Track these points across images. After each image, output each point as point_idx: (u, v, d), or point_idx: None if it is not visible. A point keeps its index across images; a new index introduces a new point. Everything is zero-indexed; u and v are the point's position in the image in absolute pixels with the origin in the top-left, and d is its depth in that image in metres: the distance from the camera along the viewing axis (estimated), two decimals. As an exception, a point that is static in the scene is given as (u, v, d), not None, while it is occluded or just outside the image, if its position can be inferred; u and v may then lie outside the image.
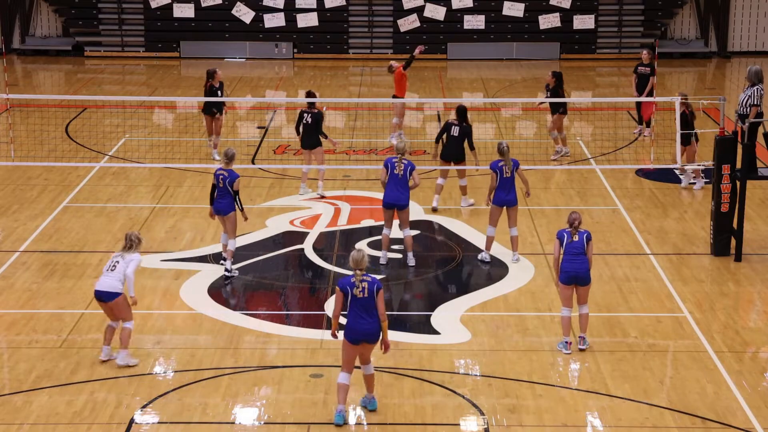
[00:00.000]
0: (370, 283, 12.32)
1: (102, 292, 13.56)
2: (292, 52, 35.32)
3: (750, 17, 36.09)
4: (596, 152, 23.88)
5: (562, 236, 14.21)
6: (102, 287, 13.56)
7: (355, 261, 12.35)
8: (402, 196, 17.00)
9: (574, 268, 14.04)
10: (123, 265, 13.56)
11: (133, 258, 13.62)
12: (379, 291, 12.33)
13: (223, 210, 16.68)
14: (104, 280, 13.58)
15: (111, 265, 13.61)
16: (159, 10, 35.17)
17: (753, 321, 15.53)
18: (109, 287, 13.52)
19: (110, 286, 13.52)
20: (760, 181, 18.88)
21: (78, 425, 12.45)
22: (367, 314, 12.29)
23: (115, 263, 13.60)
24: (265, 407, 12.90)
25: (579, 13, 35.05)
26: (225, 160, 16.90)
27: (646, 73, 24.79)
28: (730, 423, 12.56)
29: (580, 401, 13.07)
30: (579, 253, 14.06)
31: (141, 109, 28.07)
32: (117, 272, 13.55)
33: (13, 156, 21.33)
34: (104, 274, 13.64)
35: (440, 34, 35.24)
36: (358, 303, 12.28)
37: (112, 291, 13.52)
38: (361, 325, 12.28)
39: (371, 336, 12.33)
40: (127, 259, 13.59)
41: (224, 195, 16.66)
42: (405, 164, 17.00)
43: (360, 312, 12.28)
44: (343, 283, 12.37)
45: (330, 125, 26.94)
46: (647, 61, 24.83)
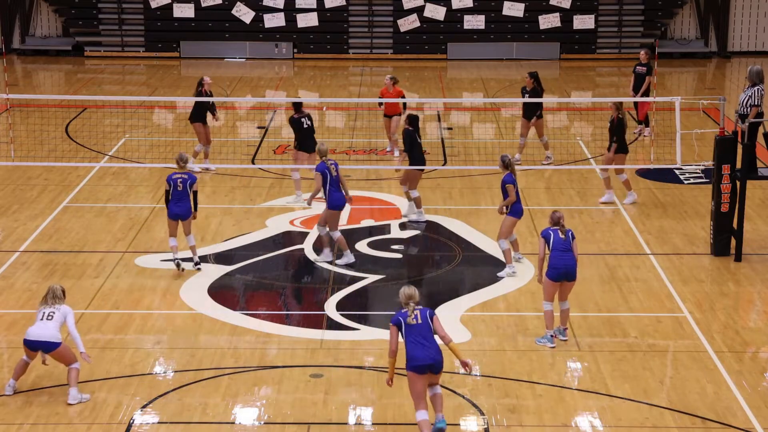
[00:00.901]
0: (422, 310, 11.98)
1: (42, 342, 12.86)
2: (292, 52, 35.32)
3: (750, 17, 36.09)
4: (596, 152, 23.87)
5: (548, 234, 14.32)
6: (42, 338, 12.84)
7: (409, 296, 11.95)
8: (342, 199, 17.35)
9: (564, 263, 14.17)
10: (60, 316, 12.93)
11: (68, 312, 13.00)
12: (433, 317, 11.96)
13: (185, 214, 16.71)
14: (43, 330, 12.85)
15: (46, 315, 12.92)
16: (159, 10, 35.17)
17: (753, 321, 15.53)
18: (52, 337, 12.83)
19: (52, 336, 12.84)
20: (760, 181, 18.88)
21: (78, 425, 12.45)
22: (425, 340, 11.83)
23: (50, 314, 12.93)
24: (265, 407, 12.90)
25: (579, 13, 35.05)
26: (181, 163, 16.81)
27: (642, 73, 24.78)
28: (730, 423, 12.56)
29: (580, 401, 13.07)
30: (568, 249, 14.23)
31: (141, 109, 28.07)
32: (55, 322, 12.90)
33: (13, 156, 21.33)
34: (40, 324, 12.91)
35: (440, 34, 35.25)
36: (414, 330, 11.86)
37: (54, 341, 12.84)
38: (422, 350, 11.79)
39: (435, 364, 11.83)
40: (63, 311, 12.98)
41: (183, 198, 16.65)
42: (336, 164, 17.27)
43: (418, 339, 11.82)
44: (397, 317, 11.96)
45: (330, 125, 26.96)
46: (645, 61, 24.82)
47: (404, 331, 11.86)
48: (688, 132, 21.31)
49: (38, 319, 13.01)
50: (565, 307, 14.51)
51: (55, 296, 13.10)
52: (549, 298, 14.35)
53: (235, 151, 23.68)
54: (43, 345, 12.92)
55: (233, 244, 18.13)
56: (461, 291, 16.46)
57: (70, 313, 13.06)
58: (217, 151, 23.62)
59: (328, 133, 25.81)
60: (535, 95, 22.38)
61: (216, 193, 20.88)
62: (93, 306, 15.71)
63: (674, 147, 19.25)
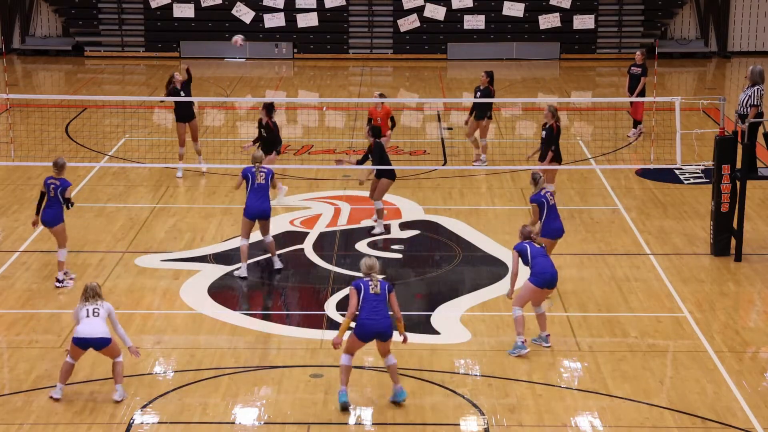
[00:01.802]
0: (382, 282, 12.68)
1: (96, 339, 12.78)
2: (292, 52, 35.31)
3: (750, 17, 36.09)
4: (596, 152, 23.88)
5: (524, 248, 14.18)
6: (97, 334, 12.78)
7: (369, 266, 12.69)
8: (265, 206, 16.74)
9: (550, 270, 14.14)
10: (104, 312, 12.90)
11: (110, 308, 12.99)
12: (391, 292, 12.67)
13: (51, 221, 16.24)
14: (94, 327, 12.80)
15: (92, 311, 12.87)
16: (159, 10, 35.16)
17: (753, 321, 15.53)
18: (105, 333, 12.80)
19: (105, 332, 12.81)
20: (760, 181, 18.88)
21: (78, 425, 12.45)
22: (380, 310, 12.57)
23: (95, 309, 12.88)
24: (265, 407, 12.90)
25: (579, 13, 35.04)
26: (55, 169, 16.30)
27: (637, 74, 24.79)
28: (730, 423, 12.57)
29: (580, 401, 13.07)
30: (547, 256, 14.23)
31: (141, 109, 28.07)
32: (102, 318, 12.86)
33: (13, 156, 21.33)
34: (89, 322, 12.82)
35: (440, 34, 35.24)
36: (371, 300, 12.55)
37: (107, 336, 12.83)
38: (374, 319, 12.53)
39: (384, 332, 12.59)
40: (106, 307, 12.96)
41: (53, 204, 16.24)
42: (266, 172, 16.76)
43: (373, 307, 12.55)
44: (357, 283, 12.67)
45: (330, 125, 26.97)
46: (640, 62, 24.83)
47: (362, 297, 12.54)
48: (688, 132, 21.32)
49: (83, 317, 12.85)
50: (541, 311, 14.46)
51: (96, 293, 13.01)
52: (523, 303, 14.26)
53: (235, 151, 23.67)
54: (95, 342, 12.79)
55: (233, 244, 18.12)
56: (461, 291, 16.46)
57: (112, 310, 13.04)
58: (217, 150, 23.62)
59: (328, 133, 25.82)
60: (487, 95, 22.21)
61: (216, 194, 20.88)
62: (93, 306, 15.70)
63: (674, 147, 19.25)
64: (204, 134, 25.26)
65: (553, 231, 15.83)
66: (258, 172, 16.68)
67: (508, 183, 21.64)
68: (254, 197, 16.66)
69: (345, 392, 12.78)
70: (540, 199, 15.73)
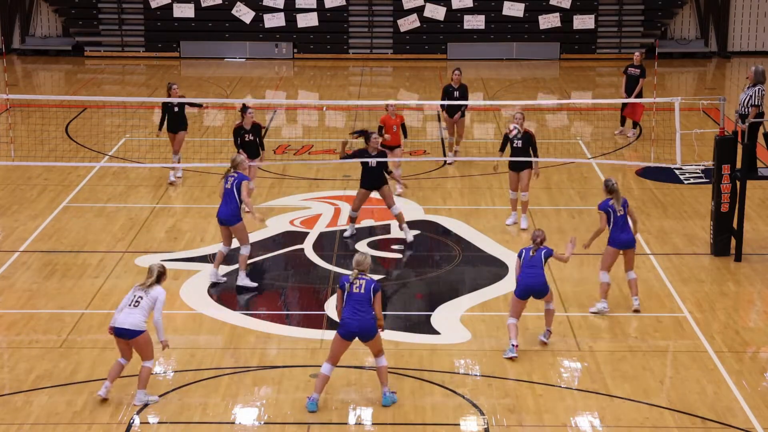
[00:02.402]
0: (368, 281, 12.63)
1: (124, 330, 12.65)
2: (292, 52, 35.32)
3: (750, 17, 36.09)
4: (596, 152, 23.88)
5: (521, 253, 14.24)
6: (125, 325, 12.64)
7: (357, 262, 12.72)
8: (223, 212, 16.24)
9: (528, 281, 14.12)
10: (147, 301, 12.73)
11: (158, 296, 12.77)
12: (376, 292, 12.60)
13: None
14: (126, 317, 12.67)
15: (134, 300, 12.72)
16: (159, 10, 35.17)
17: (753, 321, 15.53)
18: (133, 325, 12.62)
19: (134, 324, 12.63)
20: (760, 181, 18.88)
21: (78, 425, 12.45)
22: (361, 310, 12.55)
23: (138, 298, 12.73)
24: (265, 407, 12.90)
25: (579, 13, 35.05)
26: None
27: (635, 75, 24.77)
28: (730, 423, 12.57)
29: (580, 401, 13.07)
30: (534, 266, 14.11)
31: (141, 109, 28.07)
32: (141, 308, 12.67)
33: (13, 156, 21.33)
34: (126, 311, 12.70)
35: (440, 34, 35.24)
36: (353, 298, 12.56)
37: (135, 329, 12.64)
38: (354, 319, 12.54)
39: (365, 332, 12.59)
40: (152, 295, 12.76)
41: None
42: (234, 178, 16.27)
43: (355, 307, 12.56)
44: (342, 280, 12.72)
45: (330, 125, 26.97)
46: (638, 63, 24.81)
47: (345, 295, 12.59)
48: (688, 132, 21.31)
49: (126, 305, 12.72)
50: (550, 308, 14.48)
51: (149, 280, 12.82)
52: (514, 314, 14.25)
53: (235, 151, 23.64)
54: (125, 332, 12.66)
55: (233, 244, 18.10)
56: (461, 291, 16.46)
57: (160, 298, 12.77)
58: (217, 150, 23.62)
59: (328, 133, 25.82)
60: (464, 92, 22.41)
61: (216, 194, 20.84)
62: (93, 306, 15.71)
63: (674, 147, 19.24)
64: (204, 134, 25.26)
65: (618, 242, 15.53)
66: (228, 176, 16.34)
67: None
68: (221, 202, 16.32)
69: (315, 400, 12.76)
70: (607, 208, 15.53)
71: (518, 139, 18.65)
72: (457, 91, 22.42)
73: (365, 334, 12.60)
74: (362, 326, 12.57)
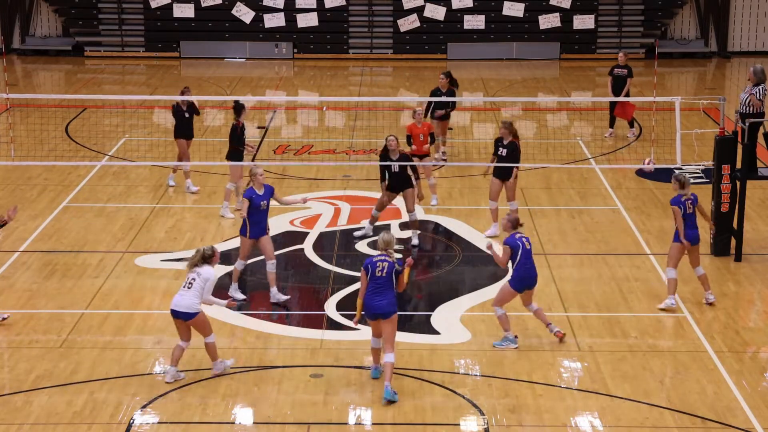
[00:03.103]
0: (390, 265, 13.08)
1: (180, 312, 13.16)
2: (292, 52, 35.31)
3: (750, 17, 36.09)
4: (596, 152, 23.88)
5: (516, 245, 14.14)
6: (179, 307, 13.13)
7: (386, 242, 13.24)
8: None
9: (532, 273, 14.26)
10: (200, 282, 13.14)
11: (209, 277, 13.17)
12: (398, 275, 13.10)
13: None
14: (181, 299, 13.15)
15: (187, 282, 13.18)
16: (159, 10, 35.16)
17: (753, 321, 15.53)
18: (187, 307, 13.12)
19: (188, 306, 13.12)
20: (760, 181, 18.88)
21: (78, 425, 12.45)
22: (383, 291, 13.03)
23: (191, 280, 13.16)
24: (265, 407, 12.90)
25: (579, 13, 35.04)
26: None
27: (623, 75, 24.78)
28: (730, 423, 12.57)
29: (580, 401, 13.07)
30: (531, 257, 14.28)
31: (141, 109, 28.07)
32: (194, 290, 13.12)
33: (13, 156, 21.32)
34: (181, 292, 13.20)
35: (440, 34, 35.23)
36: (376, 281, 13.02)
37: (190, 311, 13.15)
38: (377, 300, 13.01)
39: (384, 314, 13.02)
40: (204, 276, 13.16)
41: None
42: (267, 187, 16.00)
43: (377, 289, 13.03)
44: (366, 263, 13.16)
45: (330, 125, 26.96)
46: (624, 63, 24.81)
47: (369, 277, 13.08)
48: (688, 132, 21.31)
49: (181, 287, 13.24)
50: (536, 308, 14.51)
51: (196, 261, 13.21)
52: (503, 304, 14.34)
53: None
54: (181, 314, 13.17)
55: (233, 244, 18.12)
56: (461, 291, 16.46)
57: (210, 278, 13.19)
58: (217, 150, 23.61)
59: (328, 133, 25.83)
60: (452, 96, 22.35)
61: (216, 194, 20.87)
62: (93, 306, 15.71)
63: (674, 147, 19.24)
64: (204, 134, 25.26)
65: (688, 238, 15.42)
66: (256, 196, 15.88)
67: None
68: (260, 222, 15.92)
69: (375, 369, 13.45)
70: (679, 203, 15.42)
71: (503, 147, 18.29)
72: (444, 95, 22.41)
73: (384, 314, 13.03)
74: (382, 308, 13.02)
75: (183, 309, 13.15)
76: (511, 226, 14.31)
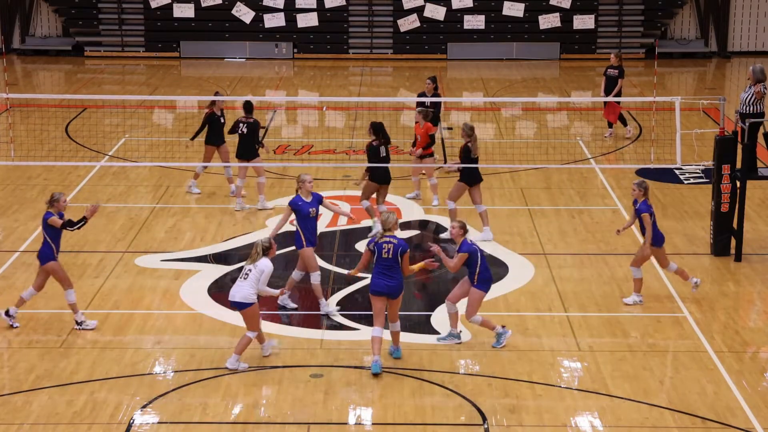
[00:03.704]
0: (395, 245, 13.54)
1: (236, 302, 13.61)
2: (292, 52, 35.31)
3: (750, 17, 36.09)
4: (596, 152, 23.88)
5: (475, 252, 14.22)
6: (235, 298, 13.57)
7: (389, 223, 13.68)
8: None
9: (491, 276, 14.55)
10: (255, 274, 13.52)
11: (265, 269, 13.53)
12: (404, 254, 13.54)
13: None
14: (238, 290, 13.56)
15: (243, 273, 13.60)
16: (159, 10, 35.16)
17: (753, 321, 15.53)
18: (243, 298, 13.53)
19: (244, 296, 13.53)
20: (760, 181, 18.88)
21: (78, 425, 12.45)
22: (389, 273, 13.54)
23: (247, 272, 13.56)
24: (265, 407, 12.90)
25: (579, 13, 35.05)
26: None
27: (614, 76, 24.77)
28: (730, 423, 12.57)
29: (580, 401, 13.07)
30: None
31: (141, 109, 28.07)
32: (249, 281, 13.51)
33: (13, 156, 21.32)
34: (238, 283, 13.61)
35: (440, 34, 35.24)
36: (381, 262, 13.52)
37: (245, 302, 13.55)
38: (382, 279, 13.54)
39: (392, 293, 13.56)
40: (259, 268, 13.53)
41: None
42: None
43: (383, 270, 13.55)
44: (371, 241, 13.74)
45: (330, 125, 26.96)
46: (616, 64, 24.80)
47: (375, 258, 13.57)
48: (688, 132, 21.31)
49: (238, 279, 13.68)
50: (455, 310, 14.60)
51: (256, 252, 13.59)
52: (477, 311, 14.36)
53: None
54: (236, 305, 13.65)
55: (233, 244, 18.13)
56: (461, 291, 16.43)
57: (266, 271, 13.57)
58: (217, 151, 23.60)
59: (328, 133, 25.82)
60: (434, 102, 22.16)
61: (216, 194, 20.87)
62: (93, 306, 15.71)
63: (674, 147, 19.24)
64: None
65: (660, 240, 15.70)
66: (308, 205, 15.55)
67: (508, 183, 21.64)
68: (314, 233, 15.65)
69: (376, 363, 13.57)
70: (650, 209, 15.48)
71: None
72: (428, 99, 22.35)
73: (392, 293, 13.57)
74: (390, 288, 13.55)
75: (239, 299, 13.56)
76: (463, 232, 14.24)
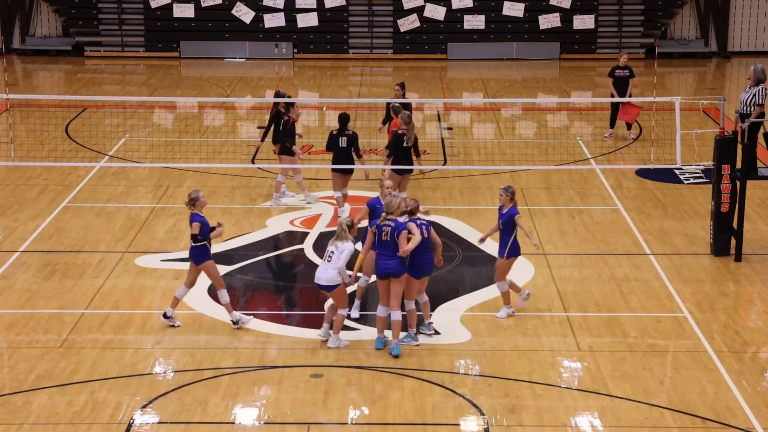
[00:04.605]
0: (393, 228, 13.93)
1: (322, 285, 14.07)
2: (292, 52, 35.32)
3: (750, 17, 36.10)
4: (596, 152, 23.89)
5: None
6: (321, 281, 14.04)
7: (386, 206, 14.09)
8: None
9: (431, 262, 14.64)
10: (337, 255, 13.92)
11: (345, 249, 13.90)
12: (399, 234, 13.85)
13: None
14: (323, 272, 14.03)
15: (327, 255, 14.02)
16: (159, 10, 35.17)
17: (753, 321, 15.53)
18: (328, 281, 13.98)
19: (329, 279, 13.97)
20: (760, 181, 18.88)
21: (78, 425, 12.46)
22: (389, 253, 13.91)
23: (330, 253, 13.98)
24: (265, 407, 12.90)
25: (579, 13, 35.05)
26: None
27: (625, 76, 24.74)
28: (730, 423, 12.57)
29: (580, 401, 13.07)
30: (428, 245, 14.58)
31: (141, 109, 28.07)
32: (333, 263, 13.94)
33: (13, 156, 21.31)
34: (322, 266, 14.08)
35: (440, 34, 35.24)
36: (382, 244, 13.94)
37: (332, 284, 13.98)
38: (383, 261, 13.92)
39: (392, 274, 13.90)
40: (341, 248, 13.94)
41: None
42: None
43: (383, 251, 13.96)
44: (373, 223, 14.21)
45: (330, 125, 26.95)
46: (625, 64, 24.78)
47: (377, 240, 14.01)
48: (688, 132, 21.31)
49: (322, 261, 14.13)
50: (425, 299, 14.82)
51: (338, 235, 13.96)
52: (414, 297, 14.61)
53: (235, 151, 23.68)
54: (323, 287, 14.12)
55: (233, 244, 18.13)
56: (461, 291, 16.46)
57: (345, 251, 13.92)
58: (217, 150, 23.64)
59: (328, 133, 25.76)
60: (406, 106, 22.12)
61: (216, 194, 20.87)
62: (93, 306, 15.71)
63: (674, 147, 19.25)
64: (204, 134, 25.27)
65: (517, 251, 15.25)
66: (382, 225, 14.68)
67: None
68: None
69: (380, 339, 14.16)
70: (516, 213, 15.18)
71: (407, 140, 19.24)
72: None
73: (391, 273, 13.91)
74: (388, 269, 13.92)
75: (324, 282, 14.01)
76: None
